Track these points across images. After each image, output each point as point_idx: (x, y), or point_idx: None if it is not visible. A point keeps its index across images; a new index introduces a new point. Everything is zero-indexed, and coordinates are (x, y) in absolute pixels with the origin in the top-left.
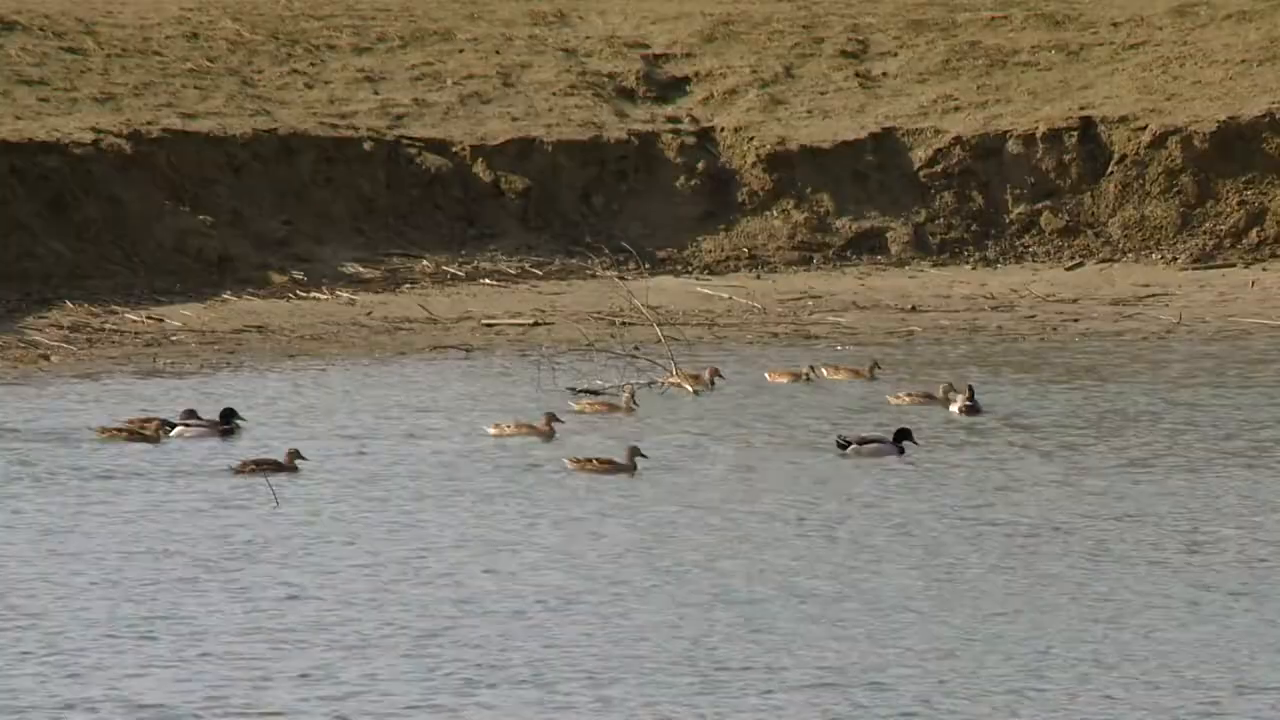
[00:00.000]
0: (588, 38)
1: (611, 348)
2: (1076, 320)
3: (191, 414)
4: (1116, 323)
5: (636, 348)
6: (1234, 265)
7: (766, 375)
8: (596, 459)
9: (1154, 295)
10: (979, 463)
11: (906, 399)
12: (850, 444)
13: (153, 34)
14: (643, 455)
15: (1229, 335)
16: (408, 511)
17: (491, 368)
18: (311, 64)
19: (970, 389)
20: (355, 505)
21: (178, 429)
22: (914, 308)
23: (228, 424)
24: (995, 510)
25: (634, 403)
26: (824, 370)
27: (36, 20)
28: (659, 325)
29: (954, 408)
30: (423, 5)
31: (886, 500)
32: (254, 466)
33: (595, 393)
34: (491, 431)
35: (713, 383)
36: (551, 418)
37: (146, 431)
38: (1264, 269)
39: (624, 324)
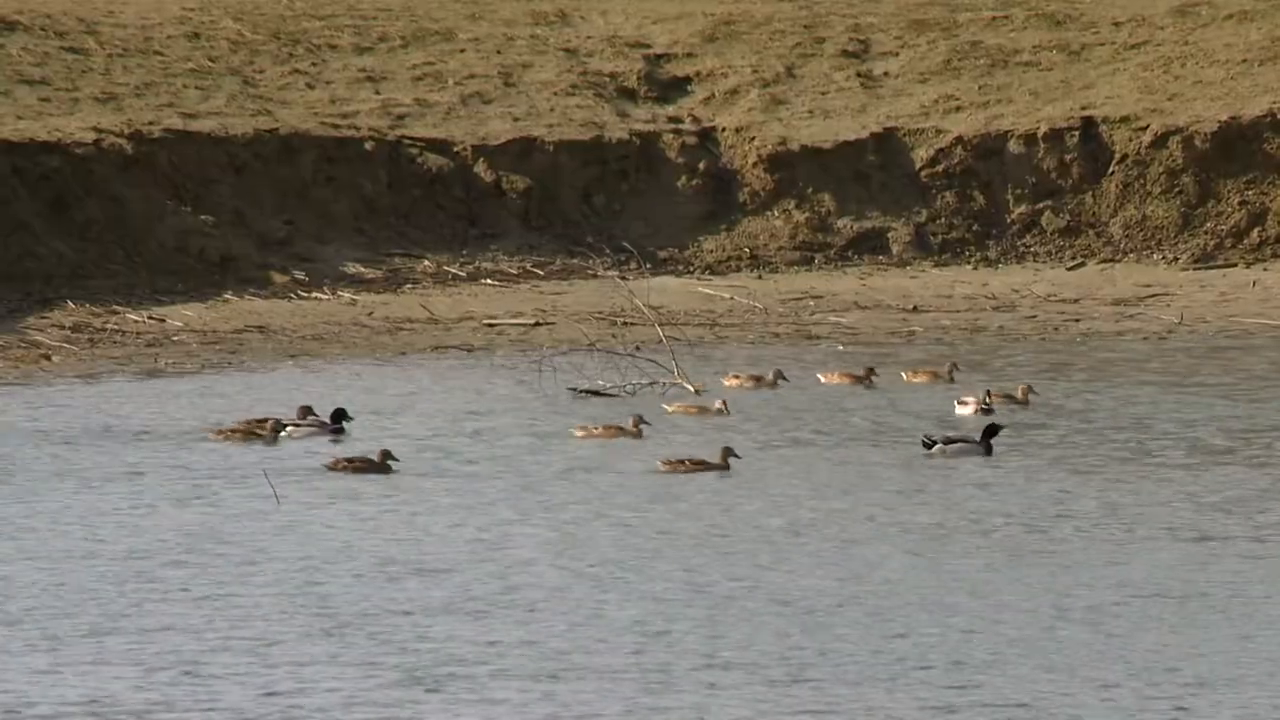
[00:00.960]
0: (589, 37)
1: (613, 348)
2: (1078, 320)
3: (308, 411)
4: (1118, 323)
5: (637, 347)
6: (1235, 265)
7: (820, 377)
8: (689, 459)
9: (1155, 295)
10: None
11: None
12: (936, 443)
13: (154, 34)
14: (736, 455)
15: (1231, 335)
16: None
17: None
18: (313, 64)
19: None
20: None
21: (288, 428)
22: (915, 308)
23: (338, 424)
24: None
25: (726, 406)
26: (903, 374)
27: (38, 20)
28: (660, 325)
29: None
30: (424, 5)
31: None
32: (346, 464)
33: (596, 393)
34: (578, 434)
35: (776, 383)
36: (640, 420)
37: (261, 432)
38: (1265, 269)
39: (625, 324)
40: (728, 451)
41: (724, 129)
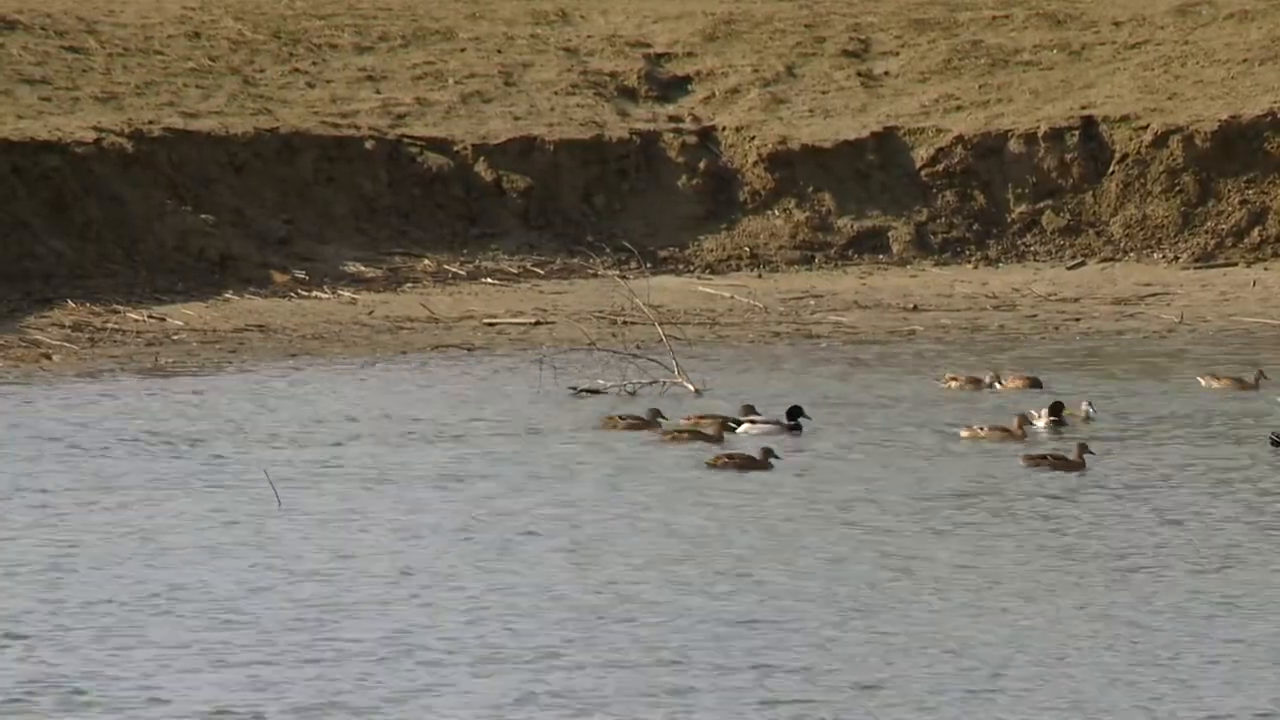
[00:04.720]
0: (589, 37)
1: (613, 347)
2: (1078, 320)
3: (750, 410)
4: (1118, 322)
5: (638, 347)
6: (1235, 264)
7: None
8: (1051, 455)
9: (1156, 294)
10: None
11: None
12: None
13: (154, 33)
14: (1090, 452)
15: (1234, 334)
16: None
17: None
18: (313, 63)
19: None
20: None
21: (744, 426)
22: (915, 307)
23: (794, 421)
24: None
25: (1091, 415)
26: (1200, 379)
27: (38, 19)
28: (661, 325)
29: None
30: (424, 4)
31: None
32: (726, 460)
33: (596, 392)
34: (964, 435)
35: (993, 386)
36: (1024, 420)
37: (709, 431)
38: (1265, 268)
39: (626, 323)
40: (1083, 448)
41: (724, 128)
